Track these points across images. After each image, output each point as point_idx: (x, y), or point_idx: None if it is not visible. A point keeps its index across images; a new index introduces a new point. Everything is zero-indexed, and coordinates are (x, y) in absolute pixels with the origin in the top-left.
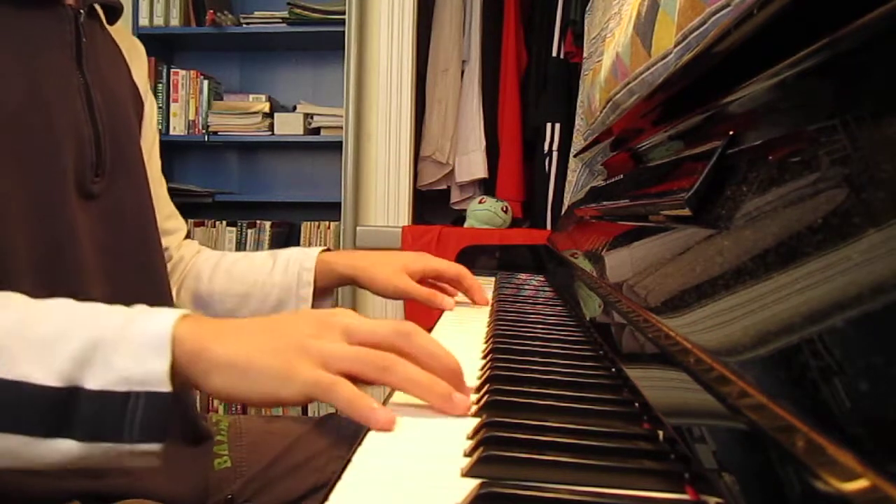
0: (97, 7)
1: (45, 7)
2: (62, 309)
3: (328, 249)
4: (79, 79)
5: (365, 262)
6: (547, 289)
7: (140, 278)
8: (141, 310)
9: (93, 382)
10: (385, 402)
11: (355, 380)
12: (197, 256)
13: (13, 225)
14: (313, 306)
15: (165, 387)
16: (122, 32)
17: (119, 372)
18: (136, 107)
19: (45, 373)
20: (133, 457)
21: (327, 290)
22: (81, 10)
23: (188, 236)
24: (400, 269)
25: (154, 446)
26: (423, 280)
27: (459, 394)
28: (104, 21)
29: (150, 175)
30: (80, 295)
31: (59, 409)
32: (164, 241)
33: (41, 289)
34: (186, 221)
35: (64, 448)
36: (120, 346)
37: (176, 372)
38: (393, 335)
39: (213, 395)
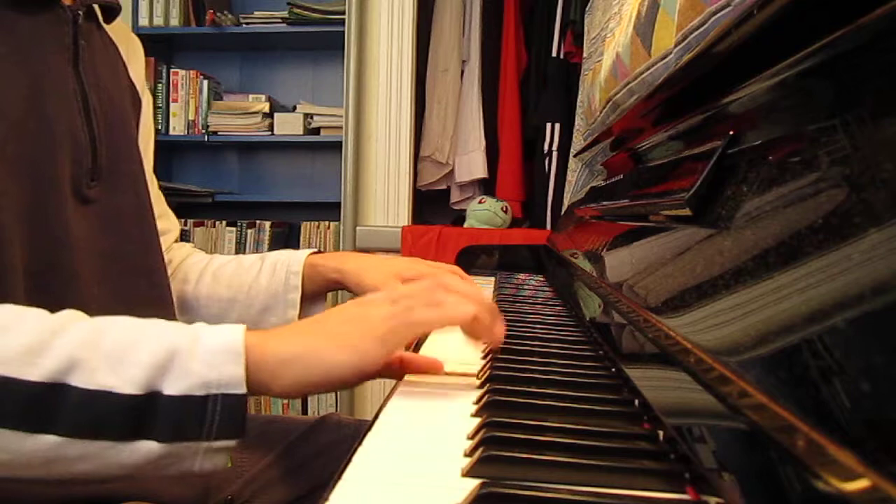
0: (95, 7)
1: (42, 8)
2: (125, 323)
3: (319, 252)
4: (75, 82)
5: (353, 265)
6: (547, 289)
7: (140, 282)
8: (201, 325)
9: (172, 388)
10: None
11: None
12: (187, 260)
13: (9, 230)
14: (302, 314)
15: (241, 389)
16: (119, 30)
17: (197, 377)
18: (134, 107)
19: (123, 382)
20: (207, 454)
21: (317, 294)
22: (79, 12)
23: (186, 238)
24: (392, 276)
25: (229, 442)
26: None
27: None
28: (101, 20)
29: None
30: (77, 300)
31: (140, 414)
32: None
33: (37, 293)
34: (186, 222)
35: (145, 449)
36: (195, 354)
37: (249, 377)
38: (434, 285)
39: (286, 395)
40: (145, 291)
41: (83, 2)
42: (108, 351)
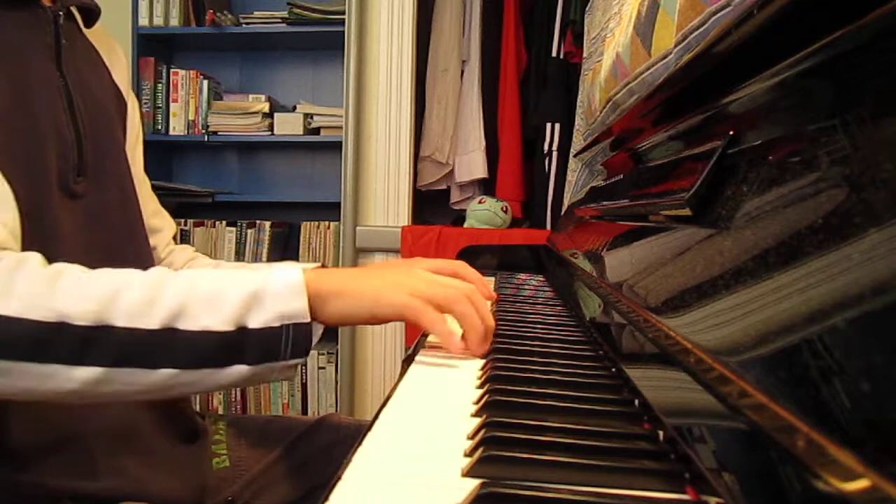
0: (74, 10)
1: (23, 8)
2: (209, 274)
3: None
4: (59, 80)
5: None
6: (547, 289)
7: None
8: (270, 267)
9: (255, 322)
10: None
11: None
12: (189, 265)
13: None
14: None
15: (307, 318)
16: (99, 35)
17: (274, 312)
18: (119, 108)
19: (216, 320)
20: (283, 370)
21: None
22: (60, 13)
23: (186, 238)
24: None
25: (301, 360)
26: None
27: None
28: (81, 24)
29: (135, 174)
30: None
31: (234, 345)
32: (152, 240)
33: None
34: (186, 222)
35: (238, 371)
36: (271, 292)
37: (309, 306)
38: (462, 291)
39: (330, 321)
40: None
41: (63, 3)
42: (203, 297)
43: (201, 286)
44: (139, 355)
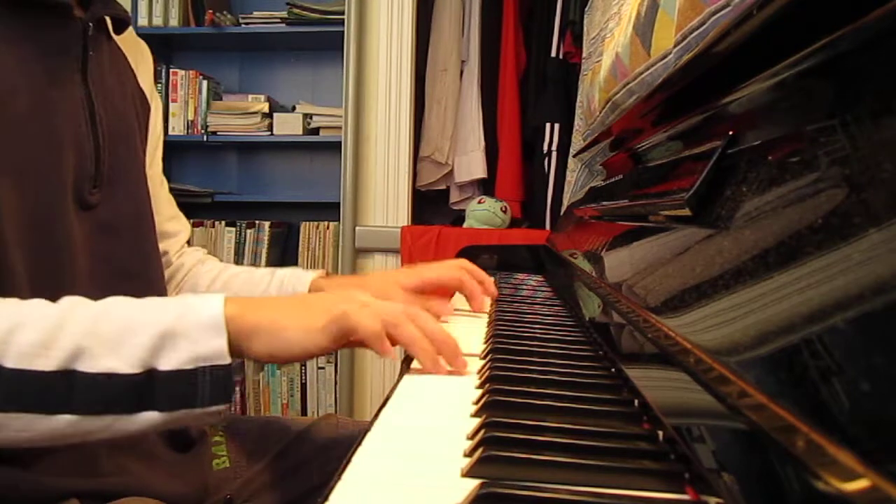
0: (106, 18)
1: (54, 19)
2: (120, 308)
3: (327, 274)
4: (82, 91)
5: (358, 283)
6: (546, 289)
7: (135, 288)
8: (188, 299)
9: (166, 364)
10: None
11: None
12: (198, 266)
13: (10, 232)
14: None
15: (225, 360)
16: (128, 37)
17: (187, 353)
18: (142, 113)
19: (123, 363)
20: (204, 416)
21: None
22: (90, 24)
23: (189, 242)
24: (392, 287)
25: (221, 406)
26: (423, 293)
27: (443, 361)
28: (111, 30)
29: (153, 177)
30: None
31: (142, 390)
32: (164, 245)
33: (36, 295)
34: None
35: (149, 418)
36: (184, 332)
37: (230, 345)
38: (405, 313)
39: (258, 359)
40: (138, 295)
41: (94, 14)
42: (107, 337)
43: (108, 323)
44: (33, 398)
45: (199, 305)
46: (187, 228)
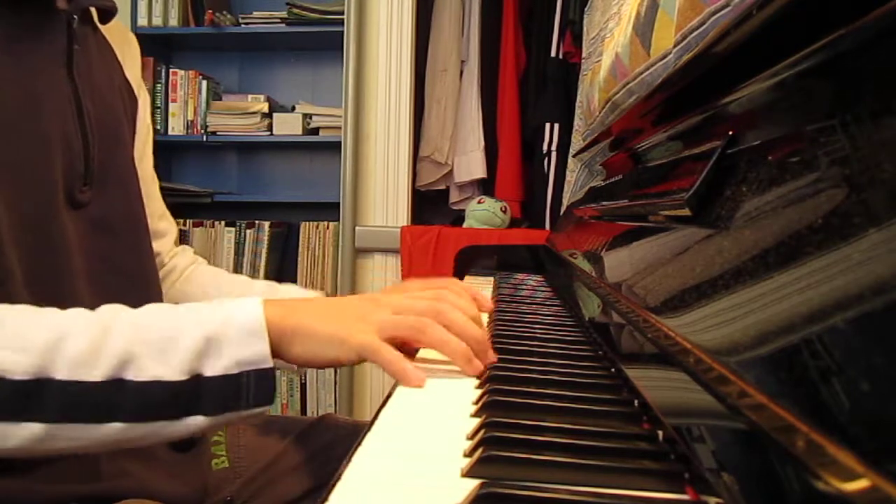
0: (91, 9)
1: (37, 11)
2: (160, 315)
3: (325, 294)
4: (69, 87)
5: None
6: (546, 289)
7: (130, 286)
8: (227, 304)
9: (211, 370)
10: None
11: (402, 346)
12: (192, 269)
13: (6, 234)
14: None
15: (268, 363)
16: (114, 29)
17: (231, 358)
18: (129, 107)
19: (169, 370)
20: (249, 418)
21: None
22: (75, 16)
23: (184, 239)
24: None
25: (266, 407)
26: None
27: (476, 359)
28: (97, 21)
29: (143, 173)
30: (71, 302)
31: (188, 396)
32: (156, 245)
33: (33, 295)
34: (185, 222)
35: (195, 423)
36: (228, 337)
37: (271, 348)
38: (431, 312)
39: (294, 362)
40: (136, 295)
41: (78, 5)
42: (153, 344)
43: (152, 331)
44: (84, 409)
45: (239, 310)
46: (175, 228)
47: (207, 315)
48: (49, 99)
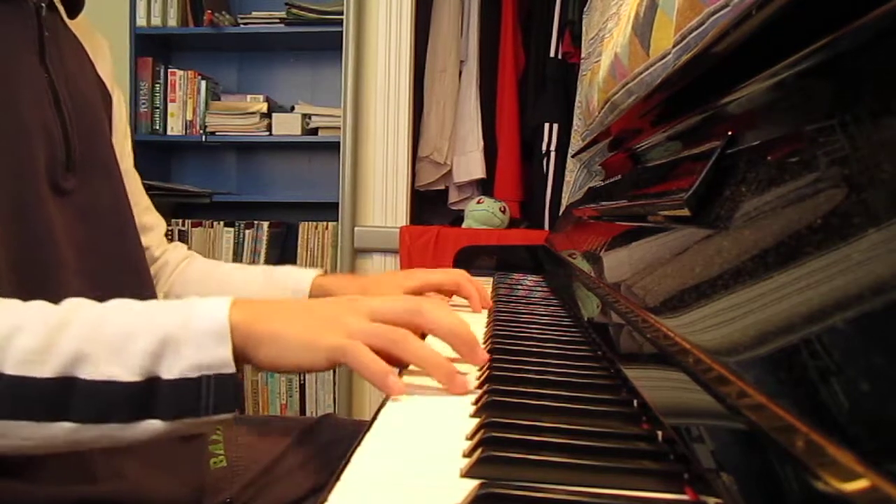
0: (56, 2)
1: (3, 1)
2: (122, 311)
3: (325, 273)
4: (43, 75)
5: (360, 285)
6: (545, 289)
7: (119, 273)
8: (192, 303)
9: (168, 373)
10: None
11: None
12: (186, 263)
13: None
14: None
15: (230, 368)
16: (83, 27)
17: (190, 361)
18: (104, 102)
19: (124, 370)
20: (209, 425)
21: None
22: (42, 4)
23: (183, 239)
24: (394, 290)
25: (227, 415)
26: (423, 294)
27: (461, 375)
28: (65, 16)
29: (124, 169)
30: (60, 292)
31: (143, 398)
32: (145, 240)
33: (21, 286)
34: (184, 222)
35: (151, 427)
36: (187, 339)
37: (235, 354)
38: (407, 314)
39: (261, 367)
40: (126, 281)
41: None
42: (108, 342)
43: (109, 328)
44: (32, 406)
45: (204, 311)
46: (162, 222)
47: (170, 314)
48: (25, 86)
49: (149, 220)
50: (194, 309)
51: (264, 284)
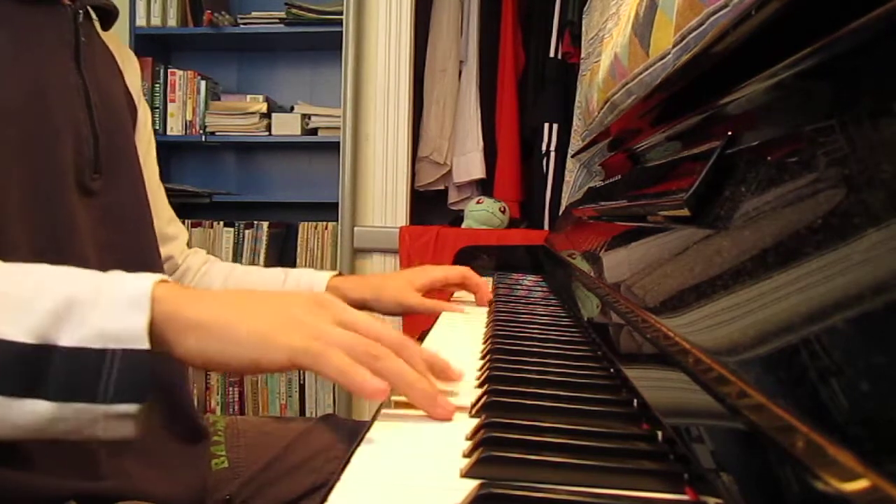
0: (91, 11)
1: (42, 5)
2: (38, 270)
3: (340, 274)
4: (77, 78)
5: (374, 284)
6: (545, 289)
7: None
8: (118, 272)
9: (67, 339)
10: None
11: None
12: (207, 267)
13: (14, 218)
14: None
15: (143, 343)
16: (115, 40)
17: (95, 328)
18: (130, 112)
19: (17, 329)
20: (108, 420)
21: None
22: (80, 11)
23: (188, 244)
24: (406, 286)
25: (130, 408)
26: (430, 291)
27: (444, 398)
28: (99, 26)
29: (149, 180)
30: None
31: (31, 365)
32: (168, 249)
33: None
34: (184, 222)
35: (37, 409)
36: (97, 302)
37: (153, 332)
38: (388, 339)
39: (186, 360)
40: None
41: (82, 3)
42: (12, 296)
43: (15, 283)
44: None
45: (126, 279)
46: (185, 232)
47: (88, 278)
48: (58, 88)
49: (172, 231)
50: (115, 275)
51: (282, 284)
